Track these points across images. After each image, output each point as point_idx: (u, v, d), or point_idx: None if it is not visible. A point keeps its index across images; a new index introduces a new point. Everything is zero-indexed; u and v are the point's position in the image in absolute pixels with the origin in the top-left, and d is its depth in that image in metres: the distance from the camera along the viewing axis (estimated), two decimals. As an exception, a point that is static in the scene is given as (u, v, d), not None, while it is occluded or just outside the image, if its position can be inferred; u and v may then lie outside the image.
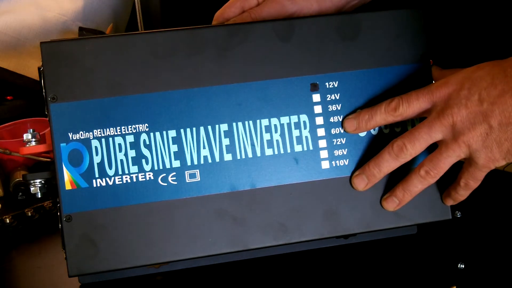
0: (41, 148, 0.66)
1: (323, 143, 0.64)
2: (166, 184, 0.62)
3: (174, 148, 0.62)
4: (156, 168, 0.62)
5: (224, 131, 0.63)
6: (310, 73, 0.64)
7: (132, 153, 0.62)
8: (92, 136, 0.61)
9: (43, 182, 0.65)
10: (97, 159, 0.61)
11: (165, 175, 0.62)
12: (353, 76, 0.65)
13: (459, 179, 0.63)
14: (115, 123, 0.61)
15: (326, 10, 0.69)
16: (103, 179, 0.61)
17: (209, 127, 0.63)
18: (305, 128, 0.64)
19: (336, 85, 0.65)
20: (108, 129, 0.61)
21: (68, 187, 0.61)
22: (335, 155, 0.65)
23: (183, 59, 0.62)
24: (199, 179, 0.62)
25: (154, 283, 0.66)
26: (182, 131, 0.62)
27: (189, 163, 0.62)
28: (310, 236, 0.64)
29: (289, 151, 0.64)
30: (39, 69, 0.62)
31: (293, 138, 0.64)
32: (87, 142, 0.61)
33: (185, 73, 0.62)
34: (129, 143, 0.62)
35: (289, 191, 0.63)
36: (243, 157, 0.63)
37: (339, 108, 0.65)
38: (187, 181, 0.62)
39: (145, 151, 0.62)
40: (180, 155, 0.62)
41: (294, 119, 0.64)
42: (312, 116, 0.64)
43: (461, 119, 0.59)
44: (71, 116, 0.61)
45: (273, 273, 0.66)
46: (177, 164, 0.62)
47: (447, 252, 0.68)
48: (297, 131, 0.64)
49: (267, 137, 0.64)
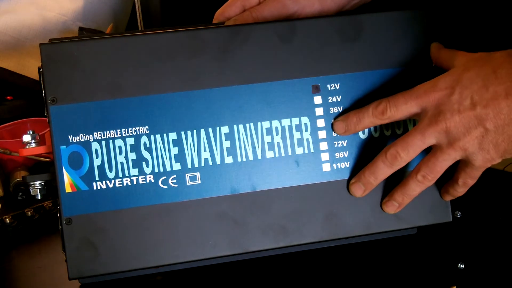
0: (41, 149, 0.66)
1: (324, 146, 0.64)
2: (166, 187, 0.62)
3: (174, 150, 0.62)
4: (156, 170, 0.62)
5: (225, 134, 0.63)
6: (311, 75, 0.64)
7: (132, 156, 0.61)
8: (92, 138, 0.61)
9: (43, 183, 0.65)
10: (97, 162, 0.61)
11: (165, 177, 0.62)
12: (355, 78, 0.65)
13: (456, 178, 0.63)
14: (116, 125, 0.61)
15: (327, 9, 0.68)
16: (103, 182, 0.61)
17: (210, 130, 0.62)
18: (306, 130, 0.64)
19: (337, 87, 0.64)
20: (108, 132, 0.61)
21: (68, 190, 0.61)
22: (336, 157, 0.64)
23: (183, 61, 0.62)
24: (200, 182, 0.62)
25: (154, 283, 0.66)
26: (182, 133, 0.62)
27: (189, 166, 0.62)
28: (310, 238, 0.64)
29: (290, 153, 0.64)
30: (39, 69, 0.62)
31: (294, 140, 0.64)
32: (87, 144, 0.61)
33: (185, 75, 0.62)
34: (130, 145, 0.61)
35: (290, 193, 0.63)
36: (244, 159, 0.63)
37: (340, 110, 0.64)
38: (188, 184, 0.62)
39: (146, 154, 0.62)
40: (180, 157, 0.62)
41: (295, 121, 0.64)
42: (313, 118, 0.64)
43: (455, 125, 0.59)
44: (71, 118, 0.60)
45: (273, 273, 0.66)
46: (177, 166, 0.62)
47: (447, 252, 0.68)
48: (298, 133, 0.64)
49: (268, 139, 0.63)
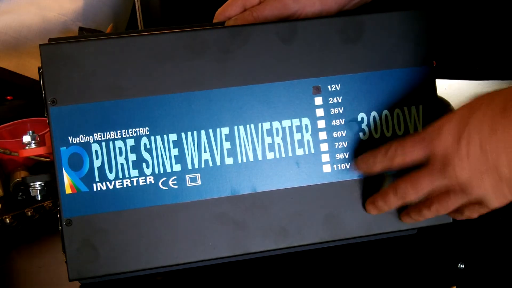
0: (41, 150, 0.66)
1: (324, 147, 0.64)
2: (166, 188, 0.62)
3: (175, 151, 0.62)
4: (156, 172, 0.61)
5: (225, 135, 0.63)
6: (312, 76, 0.64)
7: (132, 157, 0.61)
8: (92, 139, 0.61)
9: (42, 184, 0.64)
10: (97, 163, 0.61)
11: (165, 179, 0.62)
12: (356, 79, 0.64)
13: (461, 210, 0.61)
14: (116, 126, 0.61)
15: (328, 8, 0.68)
16: (104, 183, 0.61)
17: (210, 131, 0.62)
18: (306, 131, 0.64)
19: (338, 88, 0.64)
20: (108, 133, 0.61)
21: (68, 191, 0.60)
22: (337, 158, 0.64)
23: (184, 61, 0.62)
24: (200, 183, 0.62)
25: (154, 283, 0.66)
26: (183, 134, 0.62)
27: (190, 167, 0.62)
28: (311, 240, 0.64)
29: (290, 154, 0.63)
30: (39, 69, 0.61)
31: (295, 141, 0.64)
32: (87, 145, 0.61)
33: (186, 76, 0.62)
34: (130, 146, 0.61)
35: (290, 195, 0.63)
36: (244, 160, 0.63)
37: (341, 111, 0.64)
38: (188, 185, 0.62)
39: (146, 155, 0.62)
40: (181, 158, 0.62)
41: (295, 122, 0.64)
42: (314, 119, 0.64)
43: (466, 173, 0.56)
44: (71, 119, 0.60)
45: (273, 273, 0.66)
46: (178, 168, 0.62)
47: (447, 252, 0.68)
48: (299, 134, 0.64)
49: (268, 140, 0.63)
